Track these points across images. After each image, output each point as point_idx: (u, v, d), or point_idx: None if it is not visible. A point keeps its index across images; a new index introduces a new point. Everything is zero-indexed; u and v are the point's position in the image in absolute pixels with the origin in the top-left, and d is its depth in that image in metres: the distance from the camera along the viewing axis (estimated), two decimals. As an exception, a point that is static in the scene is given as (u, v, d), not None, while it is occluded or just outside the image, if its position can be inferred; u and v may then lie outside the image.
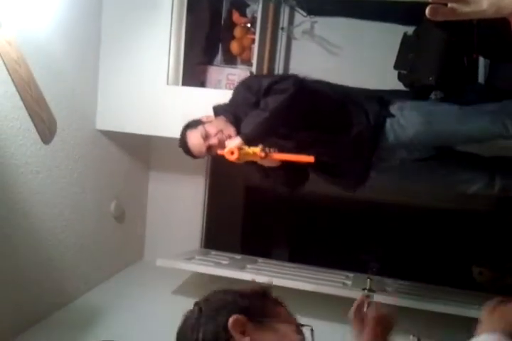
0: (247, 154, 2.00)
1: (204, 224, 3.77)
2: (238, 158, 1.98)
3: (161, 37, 2.97)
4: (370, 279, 1.98)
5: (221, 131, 2.20)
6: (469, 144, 2.33)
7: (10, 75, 1.80)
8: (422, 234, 5.00)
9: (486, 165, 2.38)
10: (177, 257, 3.24)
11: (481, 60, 2.97)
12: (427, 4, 1.15)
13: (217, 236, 3.94)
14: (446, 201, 4.41)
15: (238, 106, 2.26)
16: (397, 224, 5.24)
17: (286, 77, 2.29)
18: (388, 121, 2.23)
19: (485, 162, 2.40)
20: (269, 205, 5.06)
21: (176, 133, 2.98)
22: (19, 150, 2.47)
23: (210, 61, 3.54)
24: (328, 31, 3.46)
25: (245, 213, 4.90)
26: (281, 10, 3.73)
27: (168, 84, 2.96)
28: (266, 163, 2.16)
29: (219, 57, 3.57)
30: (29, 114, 1.89)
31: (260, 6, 3.44)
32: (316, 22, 3.60)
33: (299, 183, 2.42)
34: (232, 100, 2.35)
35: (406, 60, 2.84)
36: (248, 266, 3.29)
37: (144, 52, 2.99)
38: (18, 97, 1.87)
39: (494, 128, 2.15)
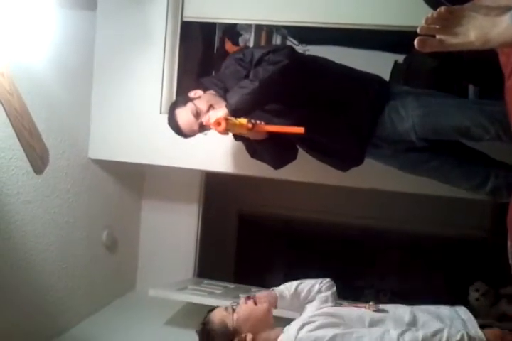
0: (234, 125, 1.92)
1: (197, 253, 3.74)
2: (225, 129, 1.90)
3: (154, 66, 2.98)
4: None
5: (212, 106, 2.09)
6: (468, 141, 2.19)
7: (2, 105, 1.80)
8: (419, 260, 4.99)
9: (488, 164, 2.22)
10: (169, 287, 3.20)
11: (471, 88, 3.01)
12: (416, 34, 1.17)
13: (210, 265, 3.90)
14: (442, 227, 4.41)
15: (228, 79, 2.14)
16: (392, 249, 5.22)
17: (280, 48, 2.12)
18: (386, 108, 2.10)
19: (488, 161, 2.24)
20: (262, 234, 5.05)
21: (169, 162, 3.01)
22: (11, 180, 2.45)
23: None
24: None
25: (238, 242, 4.88)
26: (273, 39, 3.79)
27: (161, 112, 2.97)
28: (252, 136, 2.08)
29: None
30: (21, 144, 1.88)
31: (252, 35, 3.50)
32: (307, 50, 3.65)
33: (286, 160, 2.31)
34: (222, 73, 2.24)
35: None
36: (242, 295, 3.24)
37: (137, 80, 3.00)
38: (9, 127, 1.86)
39: (491, 129, 2.00)
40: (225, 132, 1.96)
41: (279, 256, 5.41)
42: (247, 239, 4.91)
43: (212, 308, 2.02)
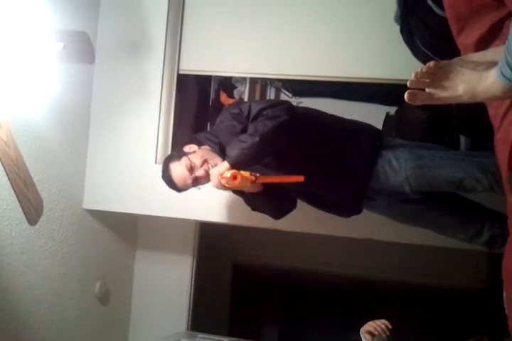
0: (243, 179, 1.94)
1: (191, 305, 3.68)
2: (240, 183, 1.92)
3: (150, 117, 3.02)
4: None
5: (206, 161, 2.12)
6: (463, 192, 2.20)
7: (-2, 156, 1.82)
8: (416, 311, 4.91)
9: (482, 215, 2.22)
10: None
11: (463, 139, 3.05)
12: (407, 87, 1.20)
13: (204, 318, 3.83)
14: (443, 278, 4.37)
15: (222, 134, 2.17)
16: (389, 301, 5.15)
17: (277, 103, 2.17)
18: (380, 160, 2.12)
19: (483, 211, 2.25)
20: (257, 285, 4.98)
21: (164, 213, 3.00)
22: (4, 230, 2.44)
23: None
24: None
25: (233, 293, 4.80)
26: (267, 91, 3.86)
27: (156, 163, 2.99)
28: (248, 189, 2.08)
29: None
30: (16, 195, 1.88)
31: (247, 87, 3.57)
32: (301, 102, 3.71)
33: (287, 210, 2.30)
34: (216, 128, 2.27)
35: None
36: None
37: (132, 131, 3.03)
38: (4, 177, 1.87)
39: (484, 181, 2.02)
40: (232, 187, 1.97)
41: (275, 307, 5.32)
42: (242, 291, 4.83)
43: None
